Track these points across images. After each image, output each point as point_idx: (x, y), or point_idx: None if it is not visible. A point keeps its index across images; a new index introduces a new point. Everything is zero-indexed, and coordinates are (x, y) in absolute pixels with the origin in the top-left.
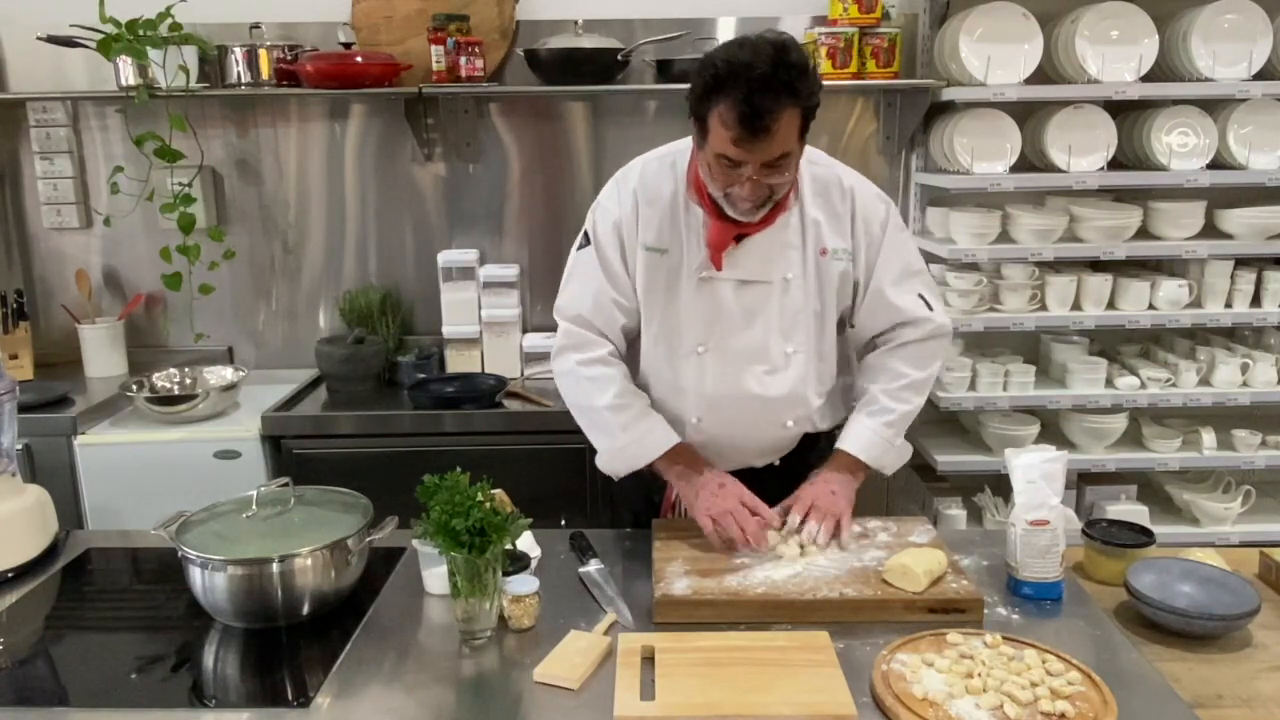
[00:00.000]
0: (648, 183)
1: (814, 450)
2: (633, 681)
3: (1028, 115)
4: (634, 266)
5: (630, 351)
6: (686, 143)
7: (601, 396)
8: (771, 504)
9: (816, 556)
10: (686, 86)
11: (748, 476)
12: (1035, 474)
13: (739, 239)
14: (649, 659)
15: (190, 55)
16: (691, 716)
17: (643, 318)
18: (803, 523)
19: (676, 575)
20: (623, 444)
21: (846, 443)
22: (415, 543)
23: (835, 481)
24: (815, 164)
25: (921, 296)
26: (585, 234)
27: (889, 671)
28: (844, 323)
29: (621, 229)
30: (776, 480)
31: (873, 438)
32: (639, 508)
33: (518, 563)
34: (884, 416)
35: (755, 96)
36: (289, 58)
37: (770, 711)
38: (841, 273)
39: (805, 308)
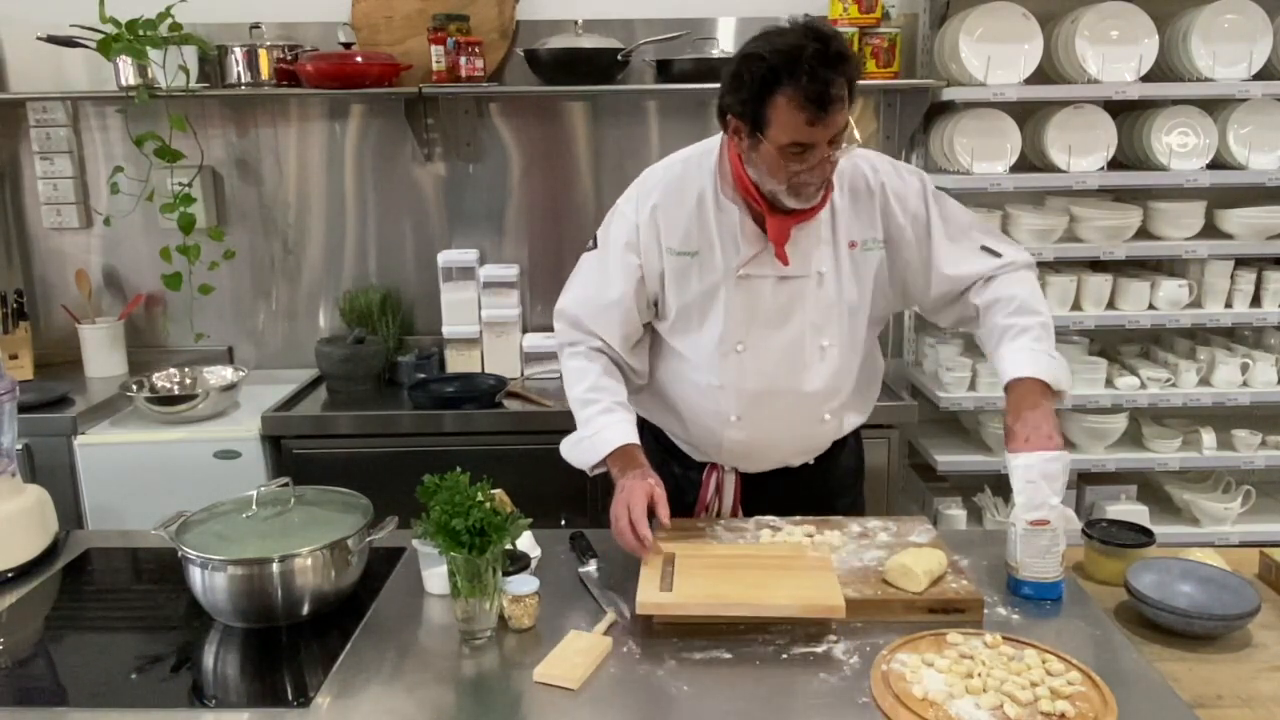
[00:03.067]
0: (671, 187)
1: (844, 449)
2: (654, 577)
3: (1028, 115)
4: (655, 272)
5: (643, 351)
6: (708, 144)
7: (575, 388)
8: (805, 504)
9: (823, 546)
10: (686, 86)
11: (783, 476)
12: (1035, 474)
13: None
14: (670, 564)
15: (190, 55)
16: (702, 603)
17: (675, 319)
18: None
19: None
20: (579, 437)
21: (1015, 370)
22: (415, 543)
23: (1044, 424)
24: (843, 156)
25: (985, 248)
26: (594, 237)
27: (889, 671)
28: (877, 316)
29: (639, 236)
30: (811, 479)
31: (1040, 359)
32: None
33: (518, 563)
34: (1029, 334)
35: (818, 71)
36: (289, 58)
37: (771, 601)
38: (878, 262)
39: (839, 301)
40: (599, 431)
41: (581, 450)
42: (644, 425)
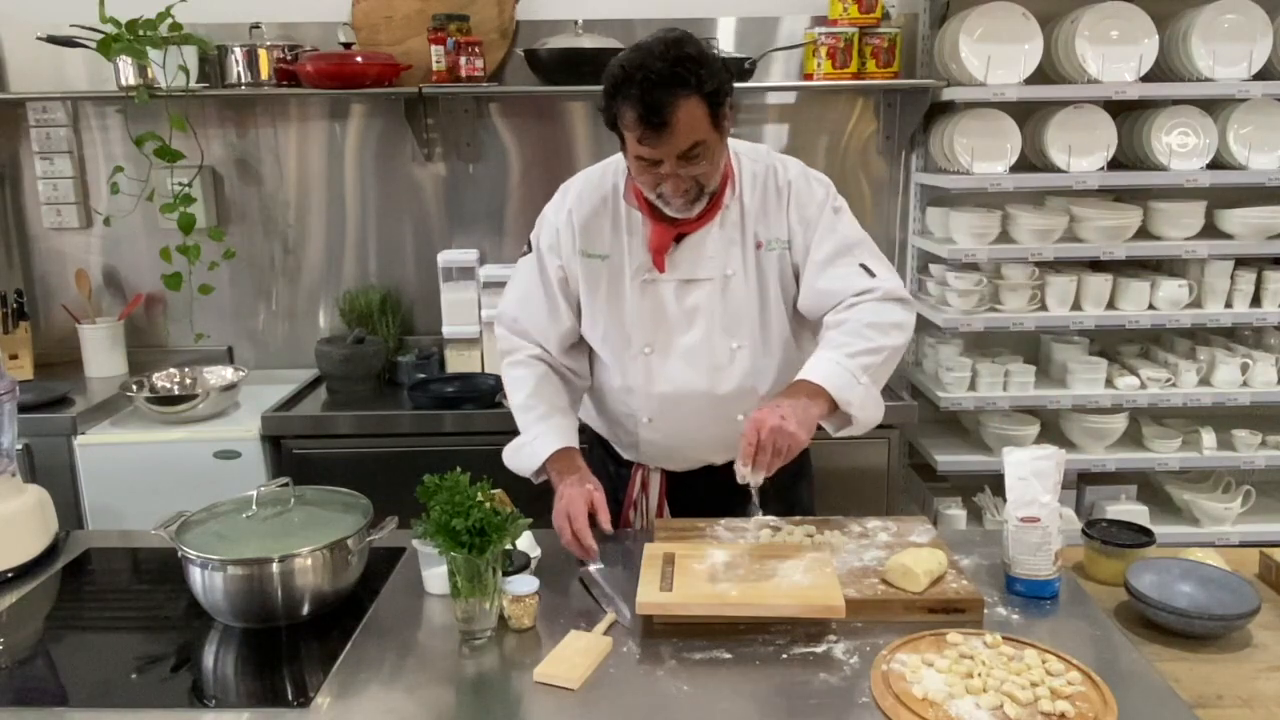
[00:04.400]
0: (585, 191)
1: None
2: (654, 577)
3: (1028, 115)
4: (574, 274)
5: (581, 354)
6: None
7: (515, 396)
8: (736, 504)
9: (823, 546)
10: None
11: (709, 475)
12: (1026, 470)
13: (679, 239)
14: (670, 564)
15: (190, 55)
16: (702, 603)
17: (586, 322)
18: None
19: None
20: (519, 444)
21: (803, 372)
22: (415, 543)
23: (784, 405)
24: (754, 160)
25: (863, 266)
26: (529, 241)
27: (889, 672)
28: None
29: (559, 238)
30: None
31: (832, 367)
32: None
33: (518, 563)
34: (844, 349)
35: (648, 93)
36: (289, 58)
37: (771, 601)
38: (780, 262)
39: (747, 302)
40: (536, 438)
41: (521, 458)
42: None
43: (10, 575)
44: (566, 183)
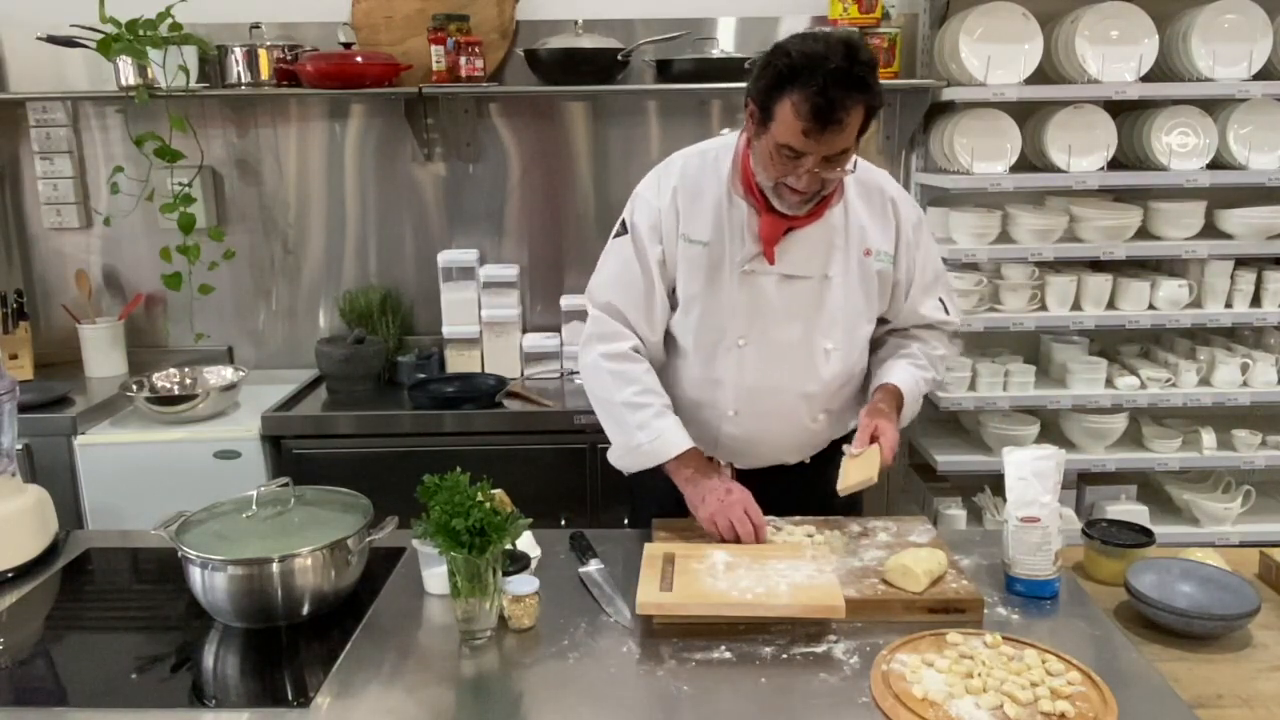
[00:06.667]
0: (689, 176)
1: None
2: (654, 577)
3: (1028, 115)
4: (673, 258)
5: (659, 343)
6: (729, 139)
7: (622, 392)
8: (801, 505)
9: (823, 546)
10: (686, 86)
11: (779, 474)
12: (1026, 471)
13: (786, 232)
14: (670, 563)
15: (190, 55)
16: (702, 603)
17: (681, 309)
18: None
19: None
20: (639, 442)
21: (895, 377)
22: (415, 543)
23: (893, 416)
24: (857, 168)
25: (942, 300)
26: (623, 222)
27: (889, 672)
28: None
29: (661, 220)
30: (808, 480)
31: (913, 385)
32: (667, 505)
33: (518, 563)
34: (924, 373)
35: (830, 89)
36: (289, 58)
37: (771, 602)
38: (879, 273)
39: (846, 306)
40: (662, 433)
41: (641, 454)
42: None
43: (10, 575)
44: (664, 163)
